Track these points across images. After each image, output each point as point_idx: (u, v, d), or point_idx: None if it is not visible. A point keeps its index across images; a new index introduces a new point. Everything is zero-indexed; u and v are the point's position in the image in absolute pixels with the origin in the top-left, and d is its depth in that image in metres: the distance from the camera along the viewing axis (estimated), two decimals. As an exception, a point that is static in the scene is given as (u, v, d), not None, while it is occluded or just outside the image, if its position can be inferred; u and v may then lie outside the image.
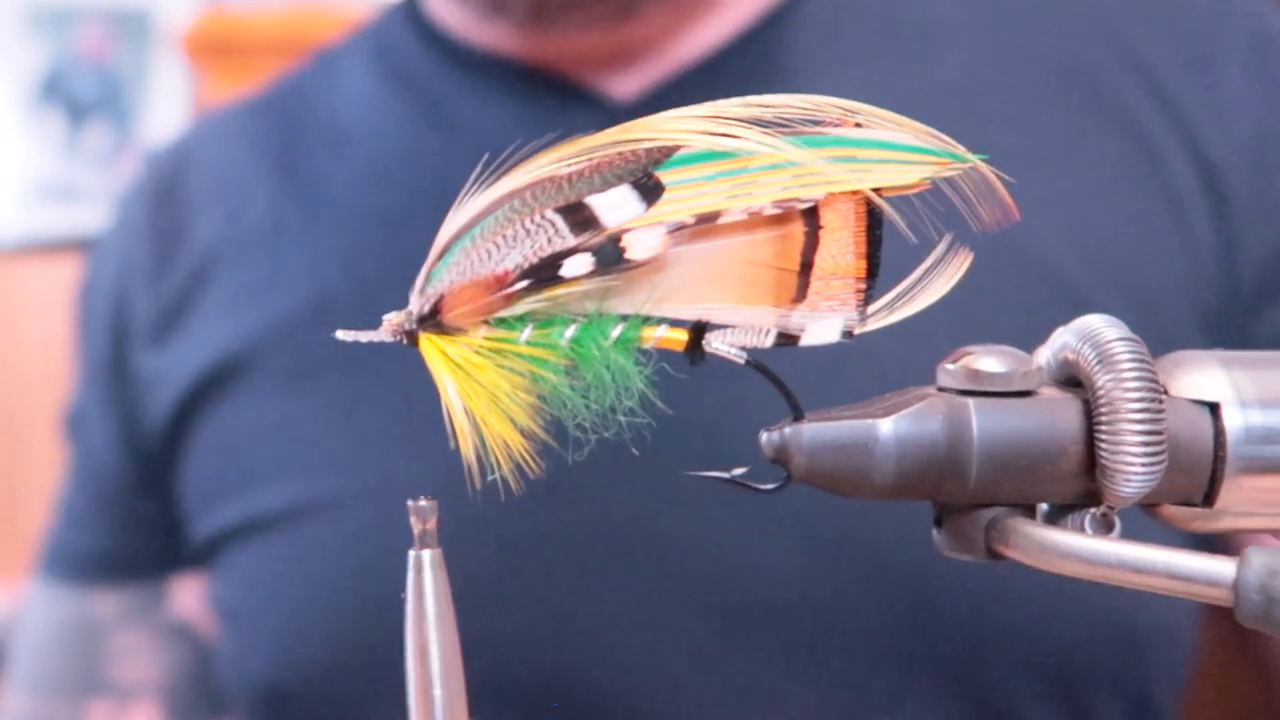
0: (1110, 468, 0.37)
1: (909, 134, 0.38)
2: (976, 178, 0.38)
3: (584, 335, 0.38)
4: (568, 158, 0.37)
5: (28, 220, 1.88)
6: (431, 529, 0.39)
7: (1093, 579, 0.37)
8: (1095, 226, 0.75)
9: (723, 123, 0.37)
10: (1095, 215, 0.75)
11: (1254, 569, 0.34)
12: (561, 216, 0.37)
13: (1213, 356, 0.39)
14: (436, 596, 0.39)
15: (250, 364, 0.80)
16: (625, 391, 0.38)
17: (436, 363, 0.39)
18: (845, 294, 0.38)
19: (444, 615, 0.39)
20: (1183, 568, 0.35)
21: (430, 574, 0.39)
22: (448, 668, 0.39)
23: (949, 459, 0.37)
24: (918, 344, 0.43)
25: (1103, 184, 0.76)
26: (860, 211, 0.38)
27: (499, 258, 0.38)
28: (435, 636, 0.39)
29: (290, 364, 0.79)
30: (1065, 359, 0.38)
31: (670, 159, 0.37)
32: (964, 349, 0.38)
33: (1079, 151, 0.77)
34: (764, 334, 0.38)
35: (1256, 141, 0.76)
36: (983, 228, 0.38)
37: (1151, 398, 0.36)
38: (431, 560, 0.39)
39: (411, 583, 0.39)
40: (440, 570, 0.39)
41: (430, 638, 0.39)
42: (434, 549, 0.39)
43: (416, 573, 0.39)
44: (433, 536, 0.39)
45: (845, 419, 0.38)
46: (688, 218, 0.37)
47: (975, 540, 0.39)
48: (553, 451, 0.39)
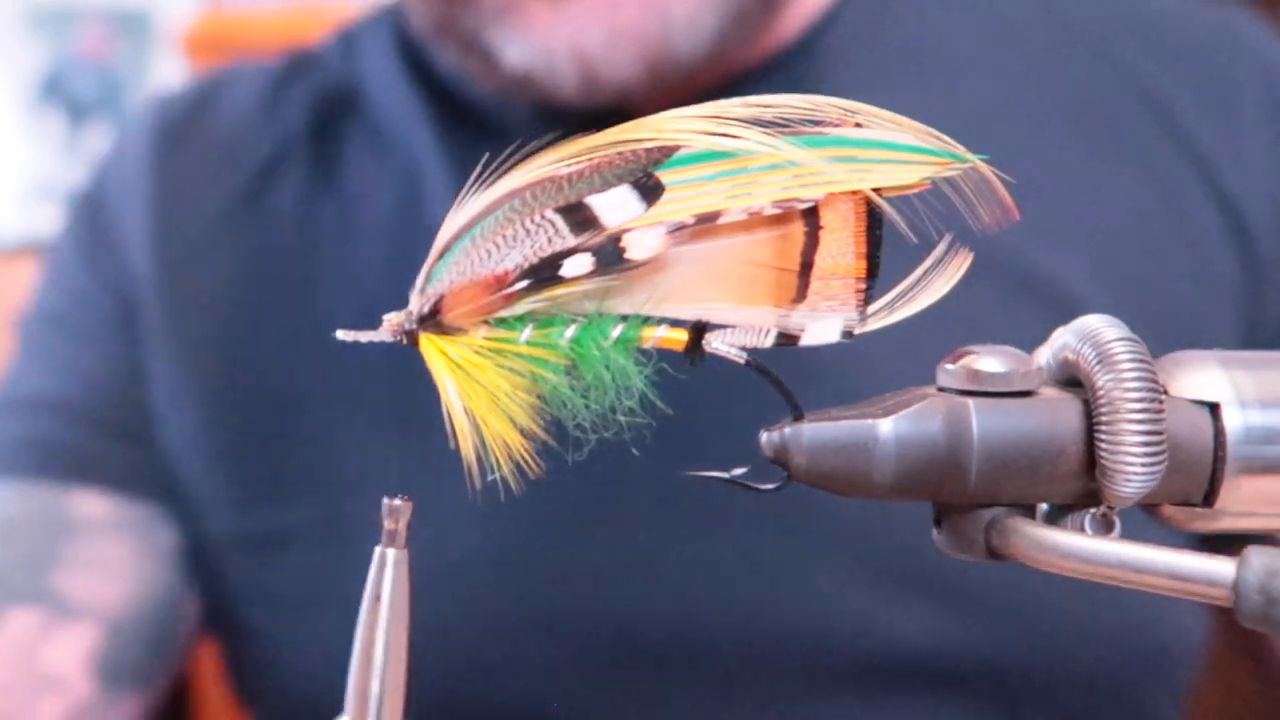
0: (1110, 468, 0.37)
1: (909, 134, 0.38)
2: (976, 177, 0.38)
3: (584, 335, 0.38)
4: (568, 158, 0.37)
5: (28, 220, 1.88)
6: (402, 529, 0.39)
7: (1093, 579, 0.37)
8: (1116, 260, 0.75)
9: (723, 123, 0.37)
10: (1115, 249, 0.76)
11: (1254, 569, 0.34)
12: (561, 216, 0.37)
13: (1213, 356, 0.39)
14: (394, 597, 0.39)
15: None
16: (625, 391, 0.38)
17: (436, 363, 0.39)
18: (845, 294, 0.38)
19: (397, 616, 0.39)
20: (1183, 568, 0.35)
21: (391, 573, 0.39)
22: (390, 668, 0.39)
23: (949, 459, 0.37)
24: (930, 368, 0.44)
25: (1122, 218, 0.77)
26: (860, 211, 0.38)
27: (499, 258, 0.38)
28: (384, 635, 0.39)
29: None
30: (1065, 359, 0.38)
31: (670, 159, 0.37)
32: (964, 349, 0.38)
33: (1098, 186, 0.77)
34: (764, 334, 0.38)
35: (1277, 179, 0.77)
36: (983, 228, 0.38)
37: (1151, 398, 0.36)
38: (395, 560, 0.39)
39: (371, 579, 0.39)
40: (403, 571, 0.39)
41: (379, 636, 0.39)
42: (400, 549, 0.39)
43: (379, 570, 0.39)
44: (402, 536, 0.39)
45: (845, 419, 0.38)
46: (688, 218, 0.37)
47: (975, 540, 0.39)
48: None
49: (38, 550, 0.77)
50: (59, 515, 0.78)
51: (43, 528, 0.78)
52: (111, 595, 0.77)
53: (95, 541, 0.78)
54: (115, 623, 0.77)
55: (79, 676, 0.75)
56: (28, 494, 0.79)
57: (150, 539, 0.80)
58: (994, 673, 0.72)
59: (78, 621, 0.75)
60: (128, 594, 0.78)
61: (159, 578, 0.79)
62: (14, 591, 0.75)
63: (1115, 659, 0.73)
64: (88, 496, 0.79)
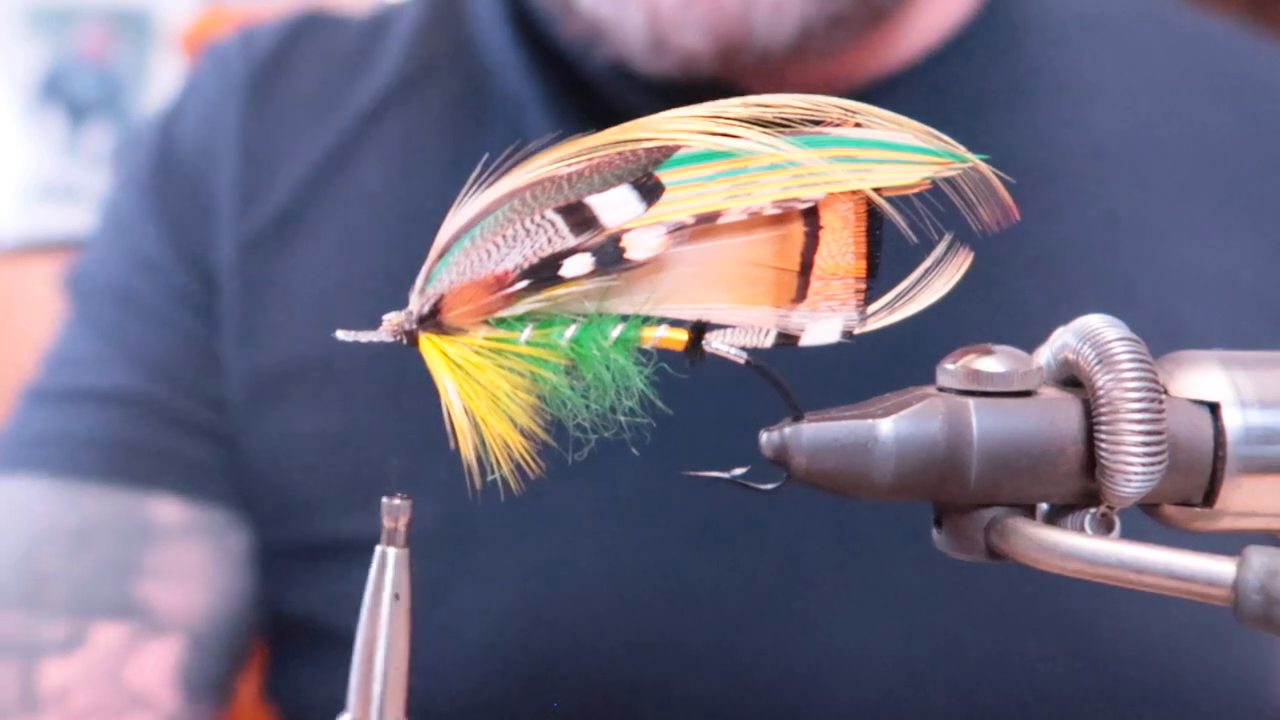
0: (1110, 468, 0.37)
1: (909, 134, 0.38)
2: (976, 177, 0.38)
3: (584, 335, 0.38)
4: (568, 158, 0.37)
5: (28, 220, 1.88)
6: (402, 528, 0.39)
7: (1093, 579, 0.37)
8: (1238, 309, 0.75)
9: (723, 123, 0.37)
10: (1237, 297, 0.75)
11: (1254, 569, 0.34)
12: (561, 216, 0.37)
13: (1213, 356, 0.39)
14: (394, 596, 0.39)
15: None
16: (625, 391, 0.38)
17: (436, 363, 0.39)
18: (845, 294, 0.38)
19: (399, 615, 0.39)
20: (1183, 568, 0.35)
21: (392, 572, 0.39)
22: (391, 669, 0.39)
23: (949, 459, 0.37)
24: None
25: (1243, 276, 0.76)
26: (860, 211, 0.38)
27: (499, 258, 0.38)
28: (385, 635, 0.39)
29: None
30: (1065, 359, 0.38)
31: (670, 159, 0.37)
32: (964, 349, 0.38)
33: (1225, 239, 0.77)
34: (764, 334, 0.38)
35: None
36: (982, 228, 0.38)
37: (1151, 398, 0.36)
38: (396, 559, 0.39)
39: (373, 578, 0.39)
40: (404, 570, 0.39)
41: (380, 635, 0.39)
42: (400, 548, 0.39)
43: (379, 569, 0.39)
44: (402, 535, 0.39)
45: (845, 419, 0.38)
46: (688, 218, 0.37)
47: (975, 540, 0.39)
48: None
49: (119, 559, 0.73)
50: (139, 521, 0.74)
51: (123, 535, 0.74)
52: (194, 605, 0.74)
53: (175, 548, 0.74)
54: (197, 634, 0.74)
55: (166, 692, 0.73)
56: (103, 497, 0.75)
57: (223, 544, 0.76)
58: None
59: (164, 635, 0.73)
60: (208, 603, 0.75)
61: (234, 585, 0.76)
62: (98, 603, 0.72)
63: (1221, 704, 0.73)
64: (164, 500, 0.75)
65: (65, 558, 0.73)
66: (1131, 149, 0.78)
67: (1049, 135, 0.77)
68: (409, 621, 0.39)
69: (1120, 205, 0.77)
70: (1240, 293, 0.76)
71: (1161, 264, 0.75)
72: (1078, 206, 0.76)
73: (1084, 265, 0.75)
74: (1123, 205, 0.77)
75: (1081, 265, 0.75)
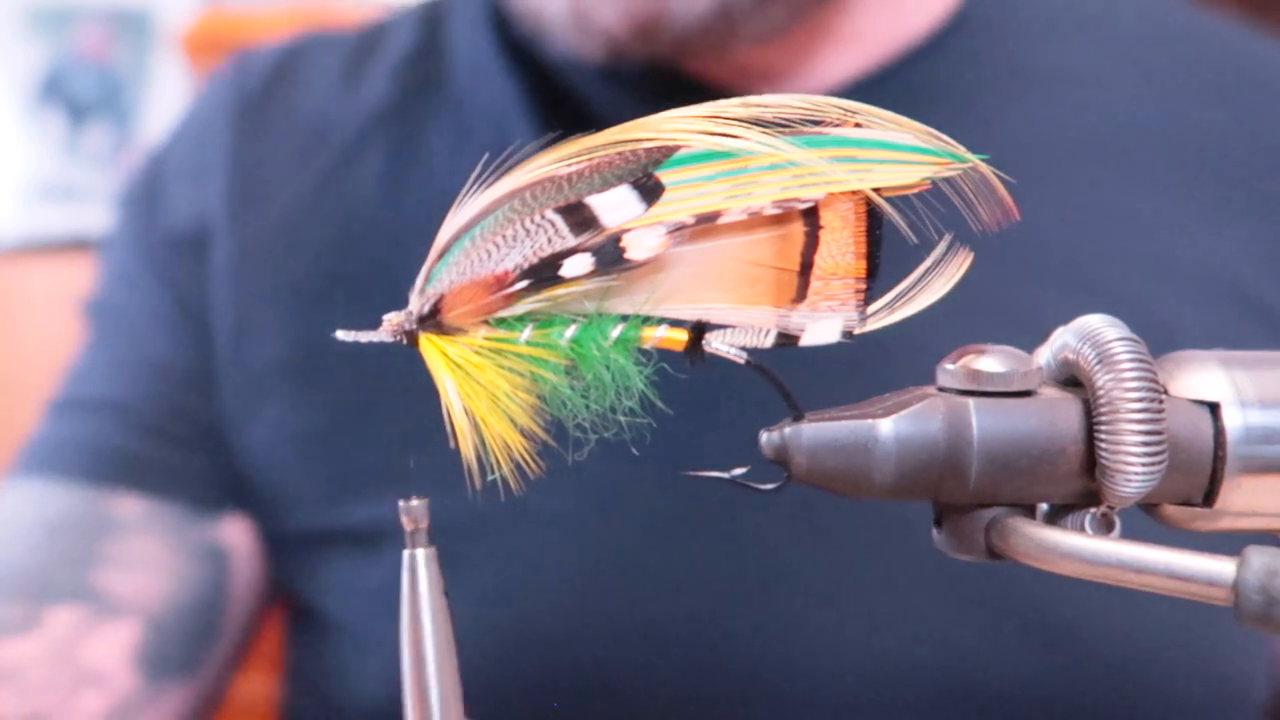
0: (1110, 468, 0.37)
1: (909, 134, 0.38)
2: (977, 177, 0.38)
3: (584, 335, 0.38)
4: (568, 158, 0.37)
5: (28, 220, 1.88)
6: (424, 528, 0.39)
7: (1093, 579, 0.37)
8: (1216, 307, 0.75)
9: (722, 123, 0.37)
10: (1218, 298, 0.75)
11: (1254, 569, 0.34)
12: (561, 216, 0.37)
13: (1213, 356, 0.39)
14: (431, 596, 0.39)
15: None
16: (625, 391, 0.38)
17: (436, 363, 0.39)
18: (845, 294, 0.38)
19: (439, 614, 0.39)
20: (1183, 568, 0.35)
21: (425, 573, 0.39)
22: (443, 668, 0.39)
23: (949, 459, 0.37)
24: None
25: (1230, 267, 0.76)
26: (860, 211, 0.38)
27: (499, 258, 0.38)
28: (431, 636, 0.39)
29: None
30: (1065, 359, 0.38)
31: (670, 159, 0.37)
32: (964, 348, 0.38)
33: (1213, 230, 0.77)
34: (764, 334, 0.39)
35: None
36: (982, 228, 0.38)
37: (1151, 398, 0.36)
38: (425, 559, 0.39)
39: (406, 583, 0.39)
40: (434, 568, 0.39)
41: (426, 637, 0.39)
42: (426, 548, 0.39)
43: (411, 573, 0.39)
44: (424, 536, 0.39)
45: (845, 419, 0.38)
46: (688, 218, 0.37)
47: (975, 540, 0.39)
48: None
49: (79, 549, 0.77)
50: (101, 516, 0.79)
51: (85, 528, 0.78)
52: (151, 591, 0.78)
53: (133, 540, 0.78)
54: (155, 617, 0.77)
55: (121, 671, 0.75)
56: (73, 494, 0.79)
57: (184, 536, 0.80)
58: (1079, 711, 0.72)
59: (120, 618, 0.76)
60: (166, 589, 0.78)
61: (197, 573, 0.80)
62: (56, 589, 0.76)
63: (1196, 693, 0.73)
64: (128, 498, 0.79)
65: (31, 550, 0.77)
66: (1117, 143, 0.78)
67: (1031, 132, 0.77)
68: (450, 618, 0.39)
69: (1104, 199, 0.77)
70: (1221, 286, 0.76)
71: (1144, 257, 0.75)
72: (1060, 202, 0.76)
73: (1067, 260, 0.75)
74: (1106, 199, 0.77)
75: (1064, 260, 0.75)
